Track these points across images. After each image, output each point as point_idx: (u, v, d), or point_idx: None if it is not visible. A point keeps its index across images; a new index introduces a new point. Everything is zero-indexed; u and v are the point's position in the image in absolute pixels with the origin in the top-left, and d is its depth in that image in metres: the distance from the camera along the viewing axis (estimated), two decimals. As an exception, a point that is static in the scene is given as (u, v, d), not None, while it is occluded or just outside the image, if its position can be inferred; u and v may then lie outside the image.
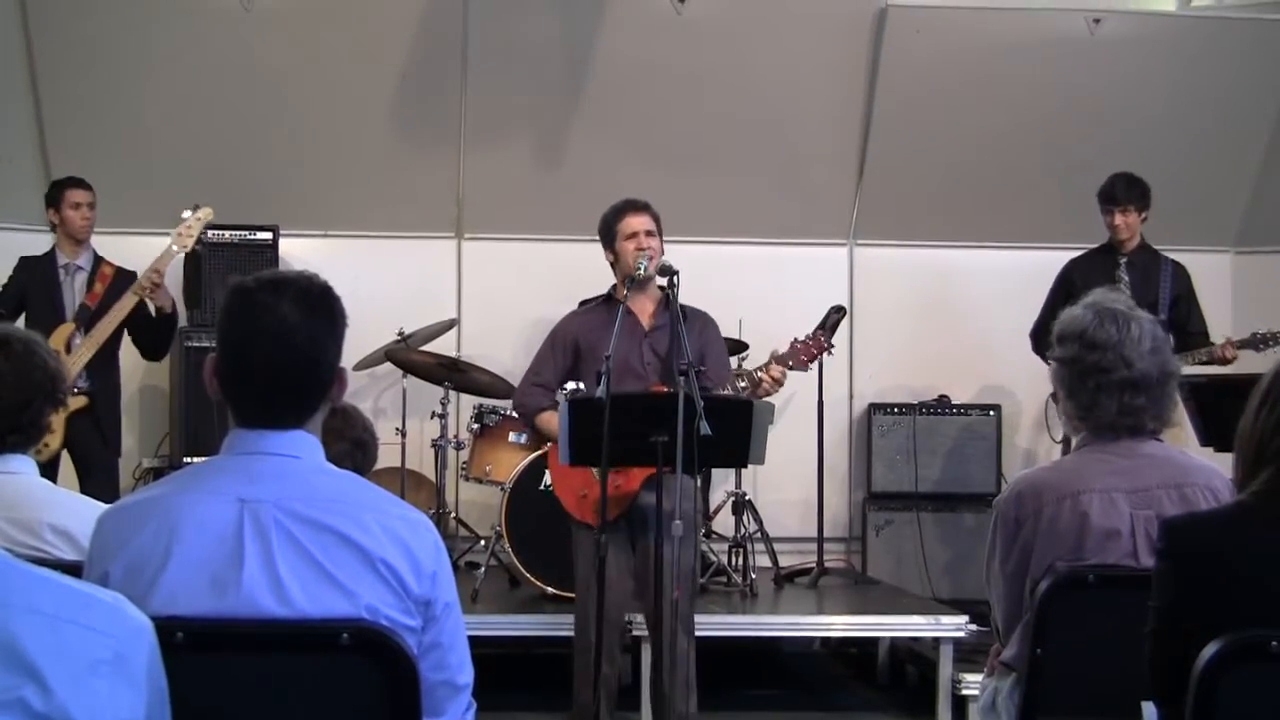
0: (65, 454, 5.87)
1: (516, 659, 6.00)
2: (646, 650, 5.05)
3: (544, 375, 4.97)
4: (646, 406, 4.27)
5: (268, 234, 6.66)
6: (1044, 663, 2.68)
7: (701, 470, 6.17)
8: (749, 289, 7.06)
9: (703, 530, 6.10)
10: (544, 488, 5.71)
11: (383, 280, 6.95)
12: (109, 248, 6.30)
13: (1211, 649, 2.00)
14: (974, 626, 5.47)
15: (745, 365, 6.57)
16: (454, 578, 2.10)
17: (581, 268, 6.63)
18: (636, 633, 5.18)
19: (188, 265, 6.64)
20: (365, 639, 1.93)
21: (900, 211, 7.30)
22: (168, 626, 1.78)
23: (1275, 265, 7.18)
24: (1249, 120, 7.13)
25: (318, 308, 2.07)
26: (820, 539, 6.65)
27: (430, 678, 2.03)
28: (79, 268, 6.09)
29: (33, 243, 6.25)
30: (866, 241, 7.46)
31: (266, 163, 6.88)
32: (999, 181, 7.19)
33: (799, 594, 6.37)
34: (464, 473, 6.35)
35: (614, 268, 4.92)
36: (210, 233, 6.48)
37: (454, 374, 6.45)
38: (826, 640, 6.81)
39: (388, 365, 6.65)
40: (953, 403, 7.19)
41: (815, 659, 6.89)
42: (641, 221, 4.79)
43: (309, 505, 1.98)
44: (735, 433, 4.21)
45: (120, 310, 5.82)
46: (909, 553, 6.96)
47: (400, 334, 6.59)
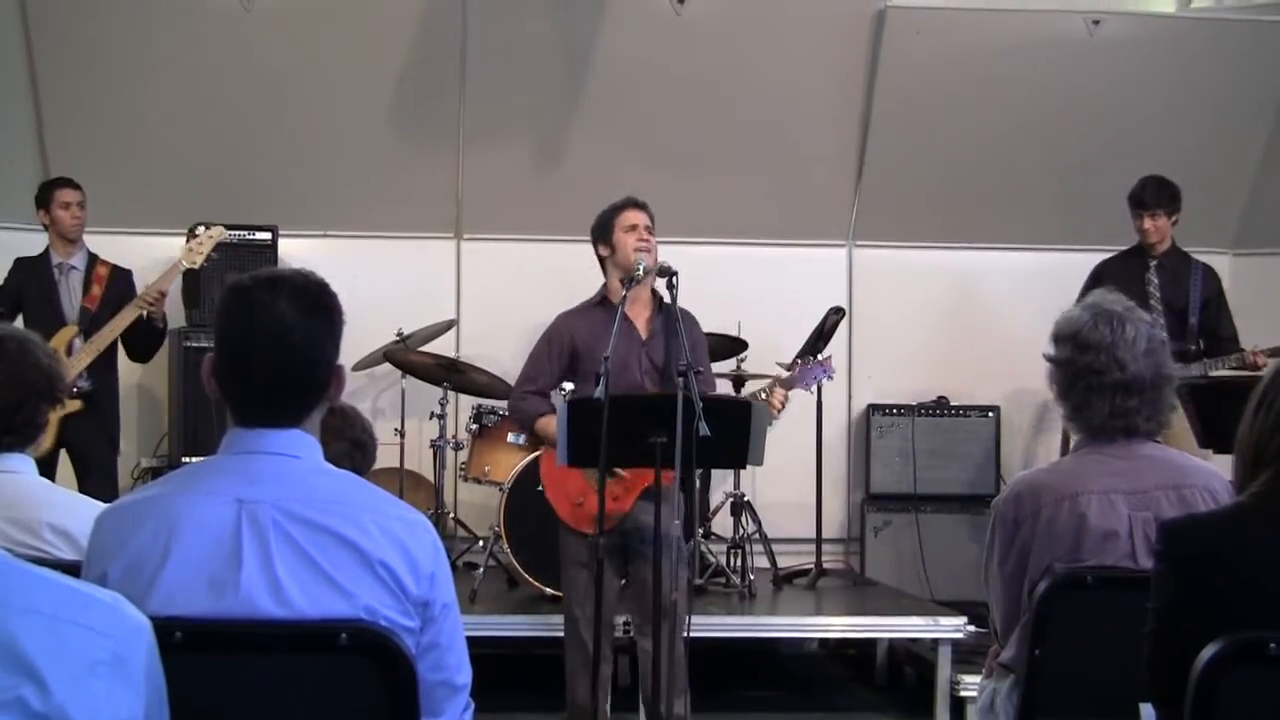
0: (64, 454, 5.88)
1: (515, 659, 6.00)
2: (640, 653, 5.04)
3: (540, 380, 4.88)
4: (645, 407, 4.27)
5: (267, 234, 6.66)
6: (1042, 664, 2.68)
7: (700, 471, 6.20)
8: (748, 289, 7.06)
9: (695, 538, 6.07)
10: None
11: (382, 281, 6.95)
12: (108, 248, 6.30)
13: (1210, 651, 2.00)
14: (972, 628, 5.47)
15: (745, 366, 6.59)
16: (452, 578, 2.09)
17: (581, 269, 6.61)
18: (622, 634, 5.14)
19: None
20: (363, 639, 1.93)
21: (899, 212, 7.30)
22: (166, 626, 1.78)
23: (1273, 267, 7.18)
24: (1247, 122, 7.13)
25: (315, 305, 2.07)
26: (819, 540, 6.65)
27: (428, 678, 2.03)
28: (72, 267, 6.11)
29: (33, 243, 6.25)
30: (866, 242, 7.46)
31: (266, 163, 6.88)
32: (998, 182, 7.19)
33: (797, 595, 6.37)
34: (463, 473, 6.35)
35: (605, 263, 4.85)
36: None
37: (453, 374, 6.46)
38: (825, 641, 6.82)
39: (386, 366, 6.65)
40: (951, 404, 7.19)
41: (813, 660, 6.89)
42: (642, 216, 4.78)
43: (307, 506, 1.98)
44: (734, 433, 4.20)
45: (122, 320, 5.84)
46: (907, 554, 6.96)
47: (399, 334, 6.59)
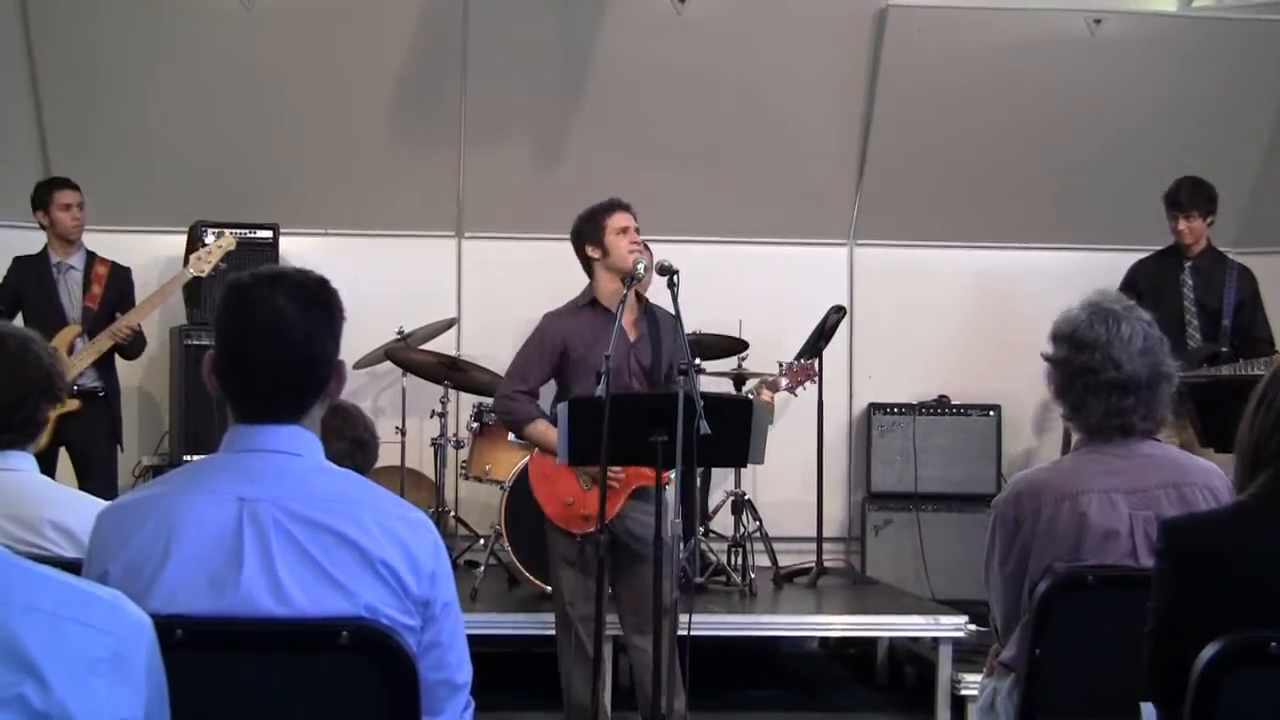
0: (63, 451, 5.88)
1: (515, 658, 6.00)
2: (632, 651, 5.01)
3: (530, 381, 4.83)
4: (647, 406, 4.26)
5: (268, 233, 6.66)
6: (1043, 663, 2.68)
7: (701, 470, 6.20)
8: (749, 289, 7.06)
9: (696, 537, 6.06)
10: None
11: (382, 279, 6.94)
12: (109, 246, 6.31)
13: (1211, 650, 2.00)
14: (973, 627, 5.47)
15: (745, 365, 6.59)
16: (453, 577, 2.09)
17: (580, 267, 6.63)
18: (613, 632, 5.09)
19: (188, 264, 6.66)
20: (364, 638, 1.93)
21: (900, 211, 7.30)
22: (167, 624, 1.78)
23: (1275, 266, 7.16)
24: (1248, 121, 7.13)
25: (314, 302, 2.07)
26: (819, 539, 6.65)
27: (429, 677, 2.03)
28: (71, 267, 6.13)
29: (34, 241, 6.25)
30: (867, 241, 7.46)
31: (267, 161, 6.88)
32: (999, 181, 7.18)
33: (798, 594, 6.37)
34: (463, 471, 6.35)
35: (595, 265, 4.78)
36: (210, 231, 6.49)
37: (454, 373, 6.46)
38: (825, 640, 6.81)
39: (387, 364, 6.65)
40: (952, 403, 7.18)
41: (814, 659, 6.89)
42: (631, 219, 4.74)
43: (308, 505, 1.97)
44: (735, 432, 4.20)
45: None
46: (908, 553, 6.96)
47: (400, 333, 6.59)
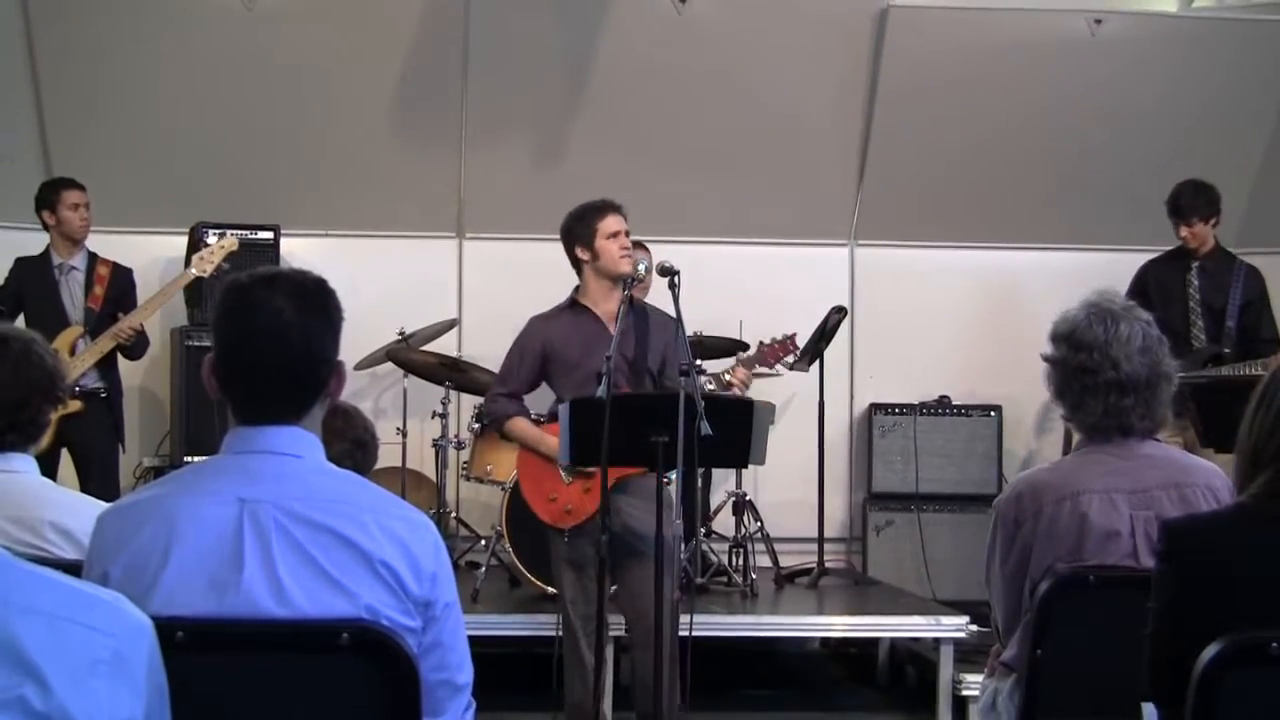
0: (65, 453, 5.88)
1: (516, 659, 5.99)
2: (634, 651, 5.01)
3: (509, 384, 4.83)
4: (647, 406, 4.26)
5: (269, 233, 6.66)
6: (1044, 663, 2.68)
7: (702, 470, 6.20)
8: (750, 289, 7.06)
9: (696, 537, 6.06)
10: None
11: (383, 280, 6.94)
12: (110, 247, 6.31)
13: (1211, 650, 2.00)
14: (974, 627, 5.46)
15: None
16: (454, 578, 2.09)
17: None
18: (615, 633, 5.10)
19: (189, 264, 6.65)
20: (365, 639, 1.93)
21: (901, 212, 7.30)
22: (168, 626, 1.78)
23: (1275, 266, 7.16)
24: (1249, 121, 7.13)
25: (313, 303, 2.07)
26: (820, 539, 6.65)
27: (430, 677, 2.03)
28: (73, 267, 6.12)
29: (35, 242, 6.25)
30: (868, 242, 7.46)
31: (268, 162, 6.88)
32: (1000, 181, 7.18)
33: (799, 594, 6.37)
34: (464, 472, 6.35)
35: (584, 266, 4.75)
36: (211, 231, 6.50)
37: (455, 373, 6.46)
38: (826, 641, 6.81)
39: (388, 365, 6.65)
40: (953, 403, 7.18)
41: (815, 659, 6.89)
42: (620, 222, 4.72)
43: (308, 506, 1.97)
44: (736, 433, 4.20)
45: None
46: (909, 553, 6.96)
47: (401, 333, 6.59)
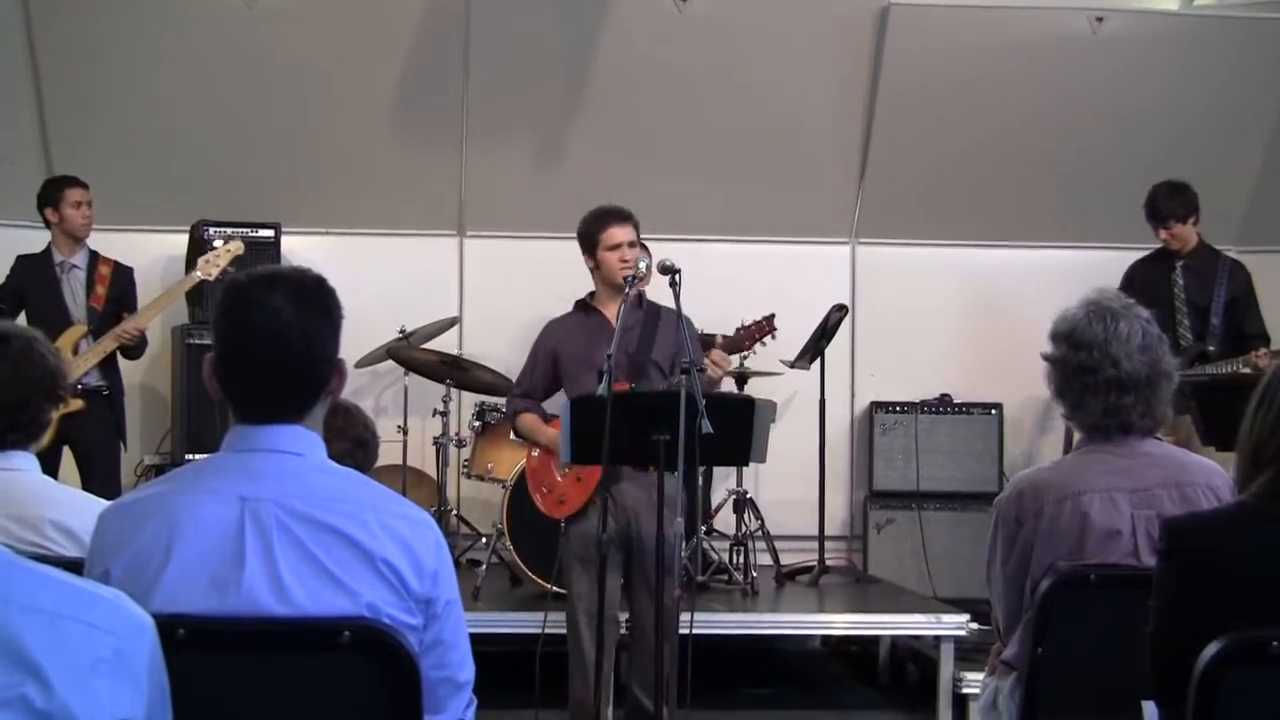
0: (66, 451, 5.88)
1: (517, 656, 5.99)
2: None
3: (524, 385, 4.96)
4: (649, 405, 4.26)
5: (270, 232, 6.65)
6: (1045, 662, 2.68)
7: (703, 468, 6.20)
8: (751, 287, 7.04)
9: (698, 535, 6.07)
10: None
11: (384, 278, 6.94)
12: (111, 245, 6.31)
13: (1212, 649, 2.00)
14: (975, 625, 5.46)
15: (747, 364, 6.58)
16: (455, 575, 2.09)
17: (582, 266, 6.62)
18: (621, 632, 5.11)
19: (190, 262, 6.65)
20: (366, 637, 1.93)
21: (902, 210, 7.29)
22: (169, 624, 1.78)
23: (1277, 264, 7.16)
24: (1251, 119, 7.12)
25: (312, 301, 2.07)
26: (821, 537, 6.65)
27: (431, 675, 2.03)
28: (74, 266, 6.11)
29: (36, 241, 6.25)
30: (869, 240, 7.46)
31: (269, 160, 6.88)
32: (1001, 180, 7.18)
33: (800, 592, 6.37)
34: (465, 470, 6.35)
35: (592, 271, 4.89)
36: (212, 229, 6.51)
37: (455, 371, 6.46)
38: (827, 639, 6.81)
39: (389, 363, 6.65)
40: (954, 401, 7.18)
41: (816, 657, 6.89)
42: (625, 233, 4.76)
43: (310, 504, 1.98)
44: (737, 431, 4.20)
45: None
46: (910, 551, 6.95)
47: (402, 331, 6.58)
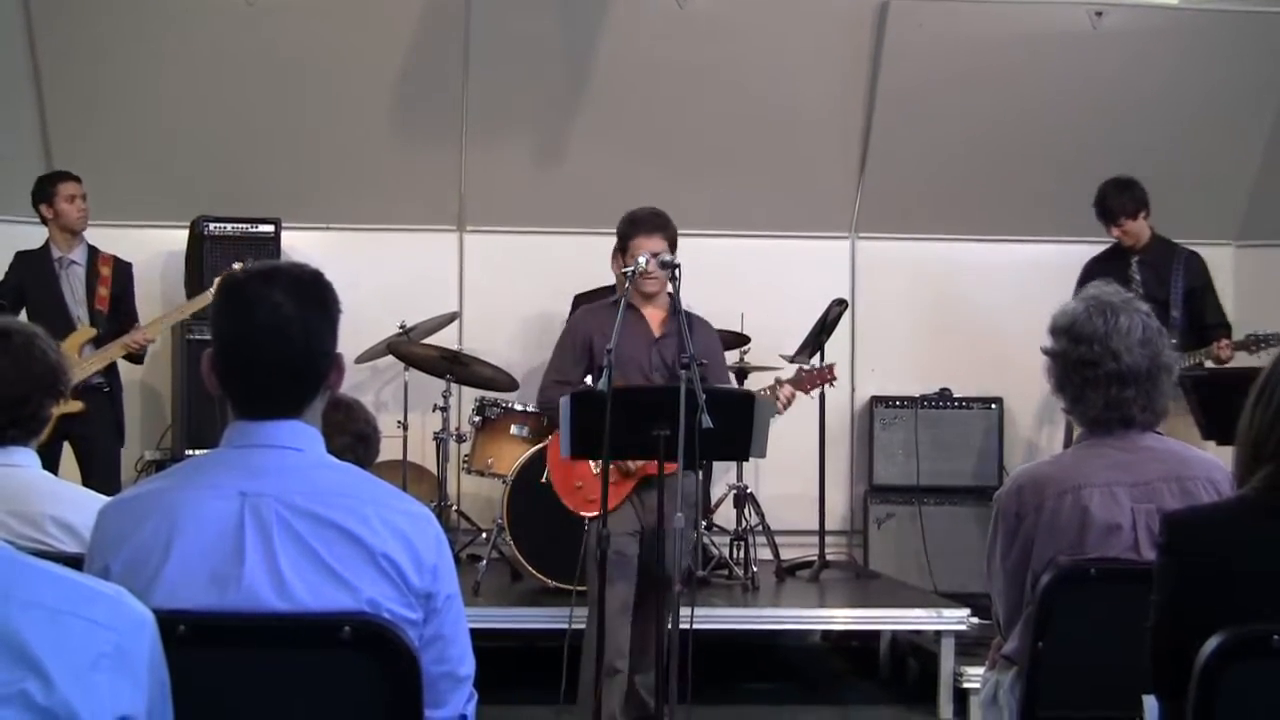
0: (66, 446, 5.88)
1: (518, 651, 6.00)
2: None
3: (566, 373, 4.91)
4: (649, 400, 4.27)
5: (270, 226, 6.65)
6: (1045, 656, 2.68)
7: (703, 463, 6.20)
8: (751, 282, 7.06)
9: (703, 524, 6.08)
10: (545, 480, 5.71)
11: (384, 273, 6.94)
12: (112, 241, 6.30)
13: (1213, 643, 2.00)
14: (975, 620, 5.47)
15: (747, 358, 6.59)
16: (455, 570, 2.10)
17: (583, 261, 6.63)
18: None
19: (190, 258, 6.66)
20: (367, 633, 1.93)
21: (902, 204, 7.29)
22: (169, 620, 1.78)
23: (1277, 259, 7.16)
24: (1252, 113, 7.12)
25: (310, 296, 2.07)
26: (822, 532, 6.65)
27: (432, 670, 2.04)
28: (73, 262, 6.10)
29: (35, 236, 6.24)
30: (869, 234, 7.45)
31: (269, 155, 6.87)
32: (1001, 174, 7.17)
33: (800, 587, 6.37)
34: (466, 465, 6.35)
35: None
36: (212, 226, 6.51)
37: (456, 367, 6.45)
38: (827, 633, 6.81)
39: (389, 358, 6.65)
40: (954, 396, 7.18)
41: (816, 652, 6.88)
42: (653, 244, 4.69)
43: (310, 499, 1.98)
44: (737, 426, 4.20)
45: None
46: (910, 546, 6.96)
47: (402, 327, 6.58)
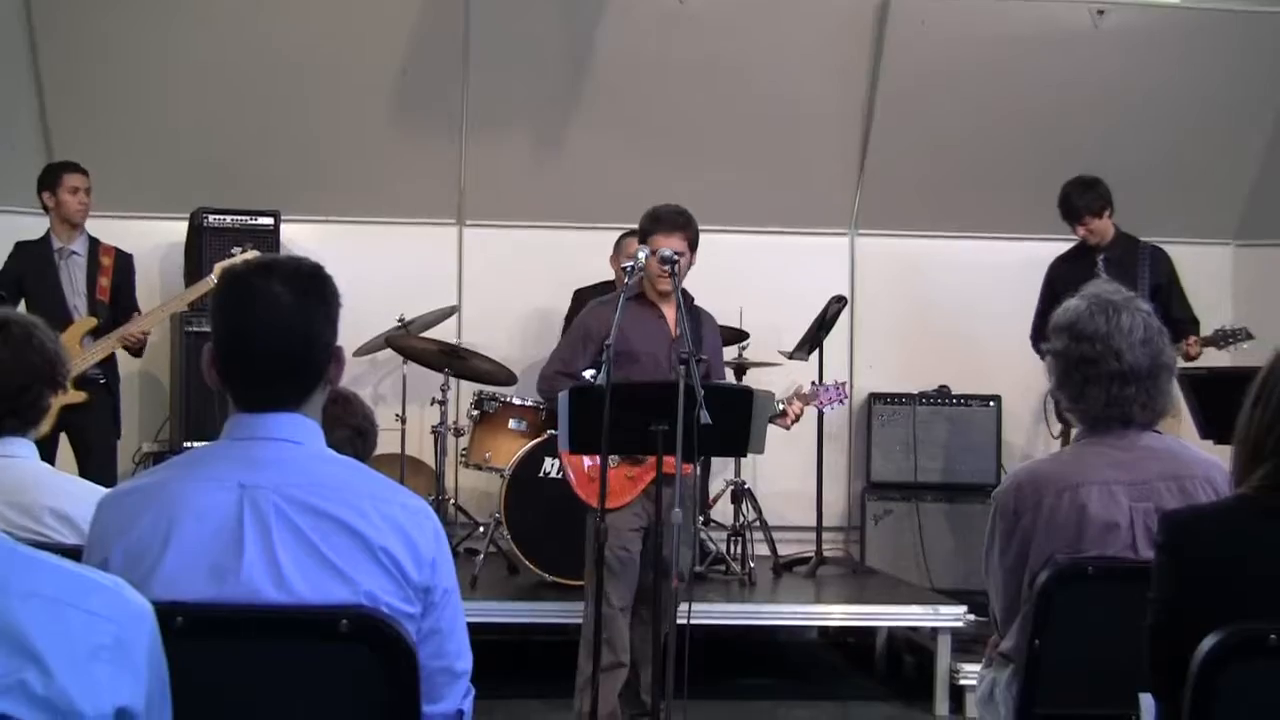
0: (64, 438, 5.88)
1: (515, 645, 6.01)
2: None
3: (573, 365, 4.88)
4: (647, 395, 4.26)
5: (269, 219, 6.64)
6: (1042, 654, 2.68)
7: (701, 459, 6.20)
8: (750, 278, 7.06)
9: (700, 520, 6.08)
10: (543, 474, 5.72)
11: (383, 266, 6.95)
12: (111, 233, 6.30)
13: (1210, 642, 2.00)
14: (972, 617, 5.48)
15: (746, 354, 6.59)
16: (453, 564, 2.10)
17: (581, 255, 6.64)
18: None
19: (189, 250, 6.65)
20: (365, 626, 1.93)
21: (901, 201, 7.29)
22: (168, 611, 1.78)
23: (1276, 258, 7.17)
24: (1251, 113, 7.12)
25: (309, 289, 2.07)
26: (819, 528, 6.66)
27: (429, 664, 2.04)
28: (73, 252, 6.10)
29: (35, 227, 6.24)
30: (868, 231, 7.46)
31: (269, 148, 6.87)
32: (1000, 172, 7.17)
33: (797, 583, 6.38)
34: (464, 459, 6.35)
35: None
36: (212, 218, 6.51)
37: (454, 360, 6.45)
38: (824, 630, 6.82)
39: (388, 351, 6.65)
40: (952, 393, 7.18)
41: (813, 648, 6.89)
42: (673, 242, 4.68)
43: (309, 492, 1.98)
44: (735, 421, 4.20)
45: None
46: (908, 543, 6.97)
47: (401, 320, 6.58)
